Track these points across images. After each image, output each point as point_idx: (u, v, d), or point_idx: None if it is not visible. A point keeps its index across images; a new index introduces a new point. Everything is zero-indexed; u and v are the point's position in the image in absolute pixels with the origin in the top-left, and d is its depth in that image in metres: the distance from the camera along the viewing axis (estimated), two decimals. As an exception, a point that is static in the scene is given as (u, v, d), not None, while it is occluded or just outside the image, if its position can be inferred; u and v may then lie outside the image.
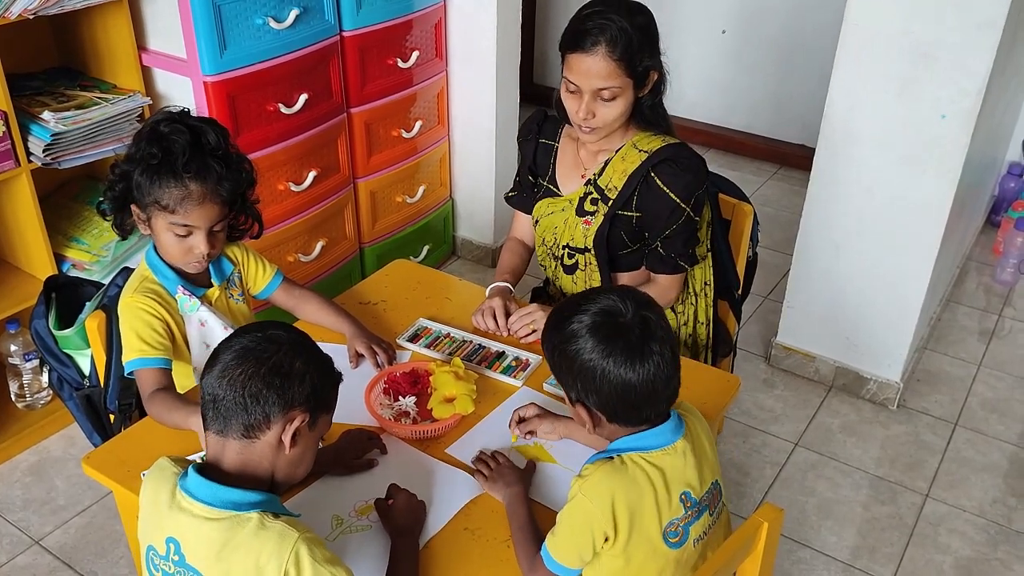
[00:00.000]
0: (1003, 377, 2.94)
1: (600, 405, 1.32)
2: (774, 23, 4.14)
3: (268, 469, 1.27)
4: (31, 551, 2.27)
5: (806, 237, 2.75)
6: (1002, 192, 3.79)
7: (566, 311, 1.34)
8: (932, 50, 2.32)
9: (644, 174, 1.87)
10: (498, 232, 3.44)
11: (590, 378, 1.30)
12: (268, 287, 1.91)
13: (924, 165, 2.45)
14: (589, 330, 1.29)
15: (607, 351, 1.28)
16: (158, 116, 1.67)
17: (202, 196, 1.63)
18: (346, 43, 2.73)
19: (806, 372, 2.91)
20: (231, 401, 1.23)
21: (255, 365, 1.23)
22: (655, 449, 1.31)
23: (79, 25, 2.53)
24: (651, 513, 1.28)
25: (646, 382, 1.27)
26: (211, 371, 1.26)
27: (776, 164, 4.32)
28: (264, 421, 1.23)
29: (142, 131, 1.67)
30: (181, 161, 1.61)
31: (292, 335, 1.29)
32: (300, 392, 1.25)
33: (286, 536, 1.19)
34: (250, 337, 1.27)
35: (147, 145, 1.63)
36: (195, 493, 1.22)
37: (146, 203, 1.65)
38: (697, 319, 2.08)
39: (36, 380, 2.60)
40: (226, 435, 1.25)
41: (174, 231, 1.66)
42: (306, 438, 1.28)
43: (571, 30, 1.79)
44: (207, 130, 1.67)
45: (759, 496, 2.47)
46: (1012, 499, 2.47)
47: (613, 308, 1.30)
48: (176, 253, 1.69)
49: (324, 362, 1.31)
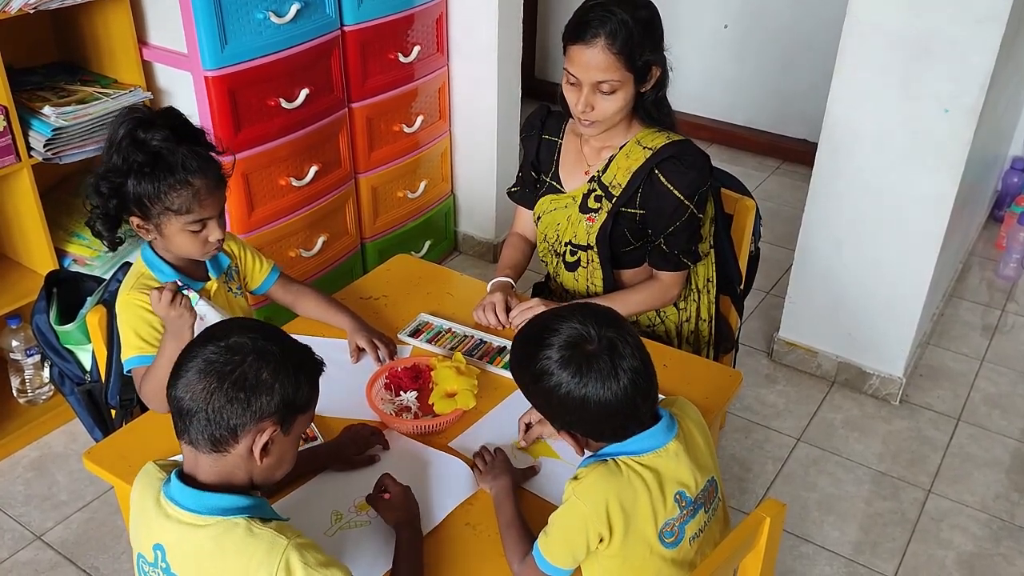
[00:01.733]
0: (1006, 372, 2.94)
1: (586, 431, 1.34)
2: (776, 18, 4.13)
3: (245, 477, 1.24)
4: (33, 546, 2.27)
5: (808, 232, 2.74)
6: (1005, 187, 3.78)
7: (531, 346, 1.32)
8: (935, 45, 2.31)
9: (648, 171, 1.86)
10: (499, 227, 3.43)
11: (572, 409, 1.30)
12: (265, 282, 1.91)
13: (927, 160, 2.44)
14: (559, 365, 1.28)
15: (582, 382, 1.27)
16: (128, 122, 1.61)
17: (207, 187, 1.63)
18: (347, 38, 2.73)
19: (808, 367, 2.91)
20: (196, 416, 1.19)
21: (217, 380, 1.18)
22: (647, 452, 1.31)
23: (79, 20, 2.53)
24: (646, 514, 1.29)
25: (626, 400, 1.28)
26: (175, 384, 1.21)
27: (778, 159, 4.31)
28: (231, 436, 1.19)
29: (117, 142, 1.61)
30: (177, 161, 1.59)
31: (258, 342, 1.21)
32: (268, 403, 1.19)
33: (275, 543, 1.17)
34: (212, 347, 1.20)
35: (130, 155, 1.59)
36: (179, 500, 1.20)
37: (154, 212, 1.62)
38: (700, 316, 2.08)
39: (37, 375, 2.60)
40: (197, 448, 1.21)
41: (190, 229, 1.65)
42: (280, 444, 1.24)
43: (573, 21, 1.79)
44: (177, 121, 1.65)
45: (761, 491, 2.46)
46: (1015, 494, 2.47)
47: (578, 336, 1.29)
48: (194, 249, 1.68)
49: (297, 361, 1.24)
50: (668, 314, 2.06)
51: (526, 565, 1.34)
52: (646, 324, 2.07)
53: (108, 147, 1.63)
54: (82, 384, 1.91)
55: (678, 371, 1.78)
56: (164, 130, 1.61)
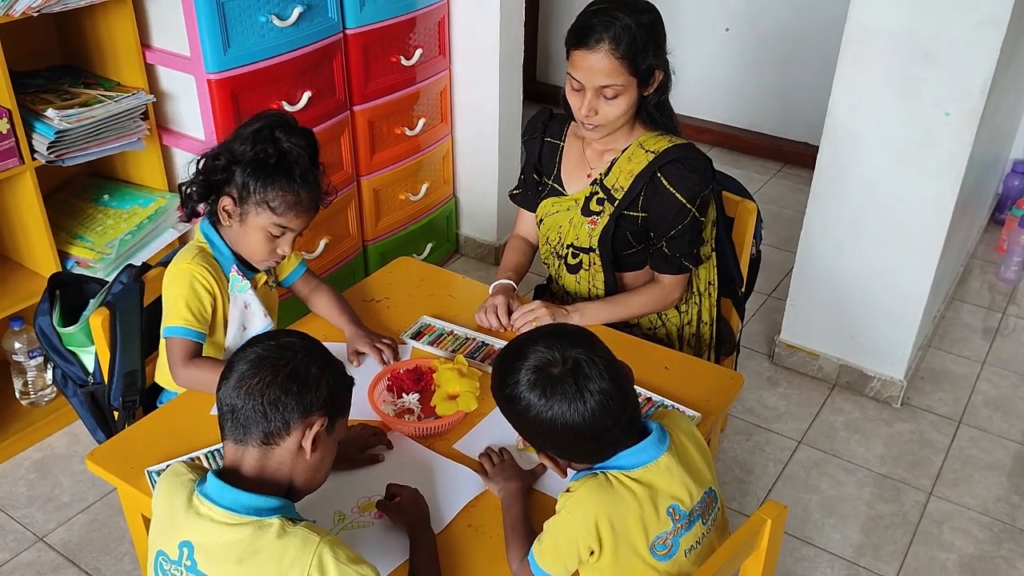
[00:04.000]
0: (1007, 375, 2.94)
1: (561, 453, 1.35)
2: (777, 21, 4.13)
3: (287, 475, 1.28)
4: (35, 548, 2.27)
5: (809, 235, 2.75)
6: (1006, 190, 3.78)
7: (503, 370, 1.34)
8: (935, 48, 2.31)
9: (651, 174, 1.87)
10: (501, 230, 3.44)
11: (543, 432, 1.31)
12: (292, 274, 1.95)
13: (927, 163, 2.45)
14: (527, 388, 1.30)
15: (548, 405, 1.28)
16: (272, 119, 1.70)
17: (308, 204, 1.71)
18: (349, 41, 2.73)
19: (810, 370, 2.91)
20: (250, 410, 1.24)
21: (272, 372, 1.25)
22: (638, 467, 1.31)
23: (83, 23, 2.53)
24: (636, 528, 1.29)
25: (594, 422, 1.28)
26: (227, 382, 1.27)
27: (780, 162, 4.32)
28: (284, 428, 1.25)
29: (257, 131, 1.68)
30: (299, 169, 1.67)
31: (305, 341, 1.32)
32: (318, 397, 1.26)
33: (308, 540, 1.20)
34: (263, 346, 1.28)
35: (264, 146, 1.66)
36: (216, 498, 1.23)
37: (252, 201, 1.68)
38: (701, 318, 2.08)
39: (40, 377, 2.61)
40: (245, 444, 1.26)
41: (270, 231, 1.71)
42: (325, 442, 1.30)
43: (576, 26, 1.79)
44: (313, 142, 1.73)
45: (763, 494, 2.47)
46: (1016, 497, 2.47)
47: (543, 360, 1.30)
48: (262, 251, 1.74)
49: (337, 367, 1.33)
50: (669, 317, 2.06)
51: (523, 568, 1.35)
52: (647, 327, 2.07)
53: (240, 133, 1.70)
54: (85, 386, 1.91)
55: (679, 373, 1.78)
56: (302, 140, 1.69)
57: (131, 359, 1.82)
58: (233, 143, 1.70)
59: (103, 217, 2.59)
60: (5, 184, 2.39)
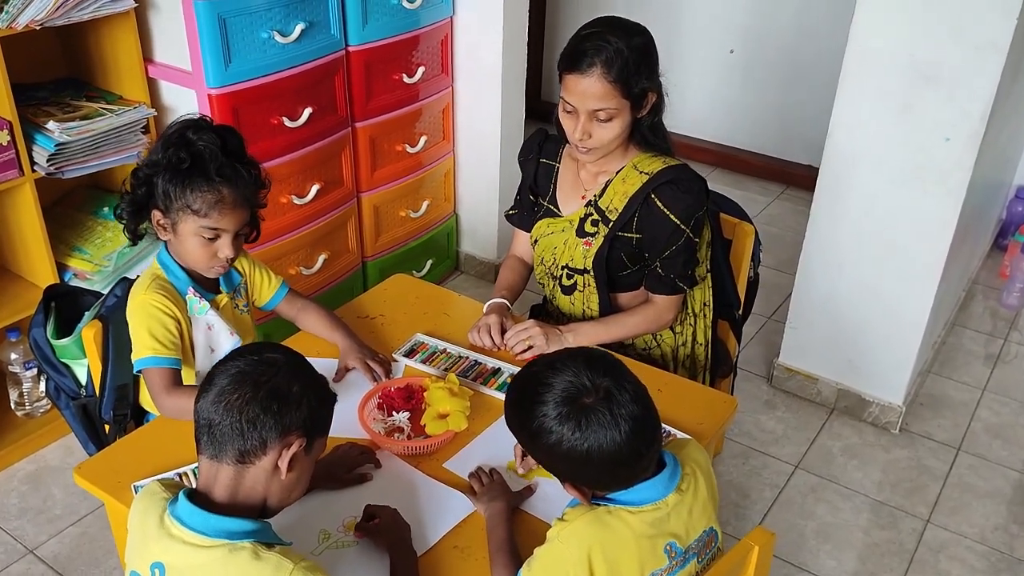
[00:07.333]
0: (1007, 402, 2.92)
1: (592, 483, 1.30)
2: (782, 43, 4.14)
3: (261, 495, 1.25)
4: (25, 560, 2.26)
5: (809, 258, 2.74)
6: (1009, 216, 3.77)
7: (526, 403, 1.28)
8: (936, 72, 2.31)
9: (645, 196, 1.87)
10: (502, 247, 3.44)
11: (577, 463, 1.26)
12: (274, 298, 1.92)
13: (928, 188, 2.44)
14: (558, 421, 1.24)
15: (583, 437, 1.23)
16: (183, 122, 1.68)
17: (233, 200, 1.66)
18: (352, 58, 2.74)
19: (808, 394, 2.89)
20: (227, 426, 1.21)
21: (252, 389, 1.21)
22: (645, 504, 1.28)
23: (86, 36, 2.55)
24: (630, 565, 1.26)
25: (629, 449, 1.24)
26: (206, 396, 1.23)
27: (782, 184, 4.31)
28: (260, 446, 1.21)
29: (167, 136, 1.67)
30: (214, 166, 1.63)
31: (288, 357, 1.28)
32: (298, 416, 1.23)
33: (281, 567, 1.17)
34: (246, 360, 1.25)
35: (175, 150, 1.64)
36: (186, 521, 1.20)
37: (174, 208, 1.65)
38: (696, 340, 2.07)
39: (35, 388, 2.61)
40: (220, 460, 1.22)
41: (202, 235, 1.67)
42: (302, 462, 1.27)
43: (568, 50, 1.79)
44: (232, 136, 1.69)
45: (758, 519, 2.44)
46: (1014, 526, 2.44)
47: (573, 389, 1.24)
48: (201, 258, 1.70)
49: (320, 384, 1.29)
50: (664, 338, 2.05)
51: None
52: (642, 347, 2.06)
53: (162, 140, 1.68)
54: (77, 398, 1.91)
55: (673, 396, 1.77)
56: (214, 136, 1.65)
57: (123, 372, 1.80)
58: (150, 155, 1.68)
59: (102, 230, 2.59)
60: (4, 195, 2.40)
